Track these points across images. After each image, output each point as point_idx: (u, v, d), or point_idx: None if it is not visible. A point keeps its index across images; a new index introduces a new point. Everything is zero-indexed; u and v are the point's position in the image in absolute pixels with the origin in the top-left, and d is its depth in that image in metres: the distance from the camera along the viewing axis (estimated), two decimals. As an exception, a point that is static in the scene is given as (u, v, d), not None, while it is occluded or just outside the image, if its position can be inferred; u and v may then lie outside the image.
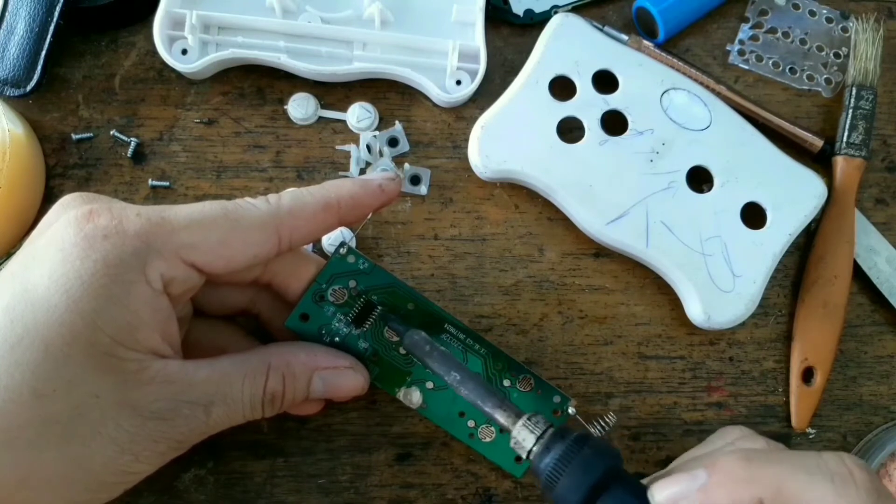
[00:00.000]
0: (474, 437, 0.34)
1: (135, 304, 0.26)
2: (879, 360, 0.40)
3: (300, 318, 0.33)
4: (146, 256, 0.26)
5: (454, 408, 0.34)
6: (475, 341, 0.34)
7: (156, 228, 0.27)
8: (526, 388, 0.34)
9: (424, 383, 0.34)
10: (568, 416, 0.34)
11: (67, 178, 0.38)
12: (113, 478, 0.27)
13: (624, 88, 0.39)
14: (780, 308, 0.40)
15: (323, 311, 0.33)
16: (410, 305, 0.33)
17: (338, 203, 0.30)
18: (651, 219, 0.37)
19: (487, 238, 0.39)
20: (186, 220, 0.27)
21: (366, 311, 0.33)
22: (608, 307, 0.39)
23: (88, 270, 0.25)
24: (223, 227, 0.28)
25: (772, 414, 0.39)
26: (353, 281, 0.33)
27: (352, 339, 0.33)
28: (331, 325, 0.33)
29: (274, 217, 0.29)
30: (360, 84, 0.40)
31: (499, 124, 0.38)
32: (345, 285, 0.33)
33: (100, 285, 0.25)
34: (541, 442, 0.29)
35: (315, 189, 0.30)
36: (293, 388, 0.30)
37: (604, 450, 0.29)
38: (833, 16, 0.43)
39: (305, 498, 0.36)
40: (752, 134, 0.39)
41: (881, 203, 0.42)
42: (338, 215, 0.30)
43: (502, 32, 0.42)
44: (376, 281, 0.33)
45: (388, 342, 0.33)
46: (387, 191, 0.32)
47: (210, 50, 0.39)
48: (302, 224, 0.30)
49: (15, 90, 0.37)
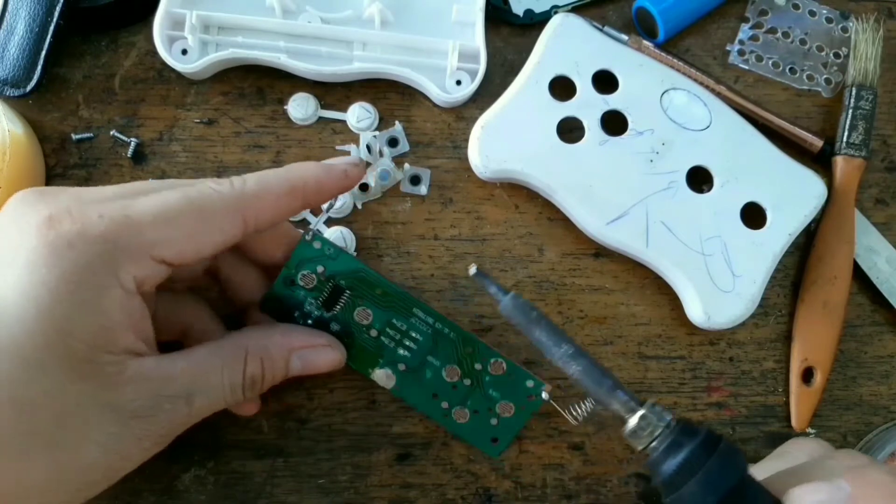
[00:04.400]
0: (449, 416, 0.35)
1: (108, 309, 0.25)
2: (879, 360, 0.40)
3: (272, 300, 0.33)
4: (116, 260, 0.26)
5: (427, 389, 0.35)
6: (444, 325, 0.34)
7: (122, 229, 0.26)
8: (498, 371, 0.34)
9: (397, 365, 0.34)
10: (542, 402, 0.34)
11: (67, 178, 0.38)
12: (99, 476, 0.27)
13: (624, 88, 0.39)
14: (780, 308, 0.40)
15: (295, 294, 0.33)
16: (378, 291, 0.34)
17: (303, 187, 0.30)
18: (651, 219, 0.37)
19: (487, 238, 0.39)
20: (151, 216, 0.26)
21: (334, 295, 0.34)
22: (608, 307, 0.39)
23: (56, 279, 0.24)
24: (190, 218, 0.27)
25: (772, 414, 0.39)
26: (321, 266, 0.33)
27: (323, 321, 0.34)
28: (303, 308, 0.34)
29: (239, 201, 0.28)
30: (360, 84, 0.40)
31: (499, 124, 0.38)
32: (313, 270, 0.33)
33: (69, 293, 0.25)
34: (664, 436, 0.26)
35: (280, 172, 0.30)
36: (272, 369, 0.31)
37: (735, 453, 0.26)
38: (833, 16, 0.43)
39: (305, 498, 0.36)
40: (752, 134, 0.39)
41: (881, 203, 0.42)
42: (303, 199, 0.30)
43: (502, 32, 0.42)
44: (343, 266, 0.33)
45: (359, 325, 0.34)
46: (351, 176, 0.32)
47: (210, 50, 0.39)
48: (267, 208, 0.29)
49: (15, 90, 0.37)
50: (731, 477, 0.25)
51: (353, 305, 0.34)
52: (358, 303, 0.34)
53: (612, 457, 0.38)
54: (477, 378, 0.34)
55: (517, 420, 0.35)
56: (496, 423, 0.35)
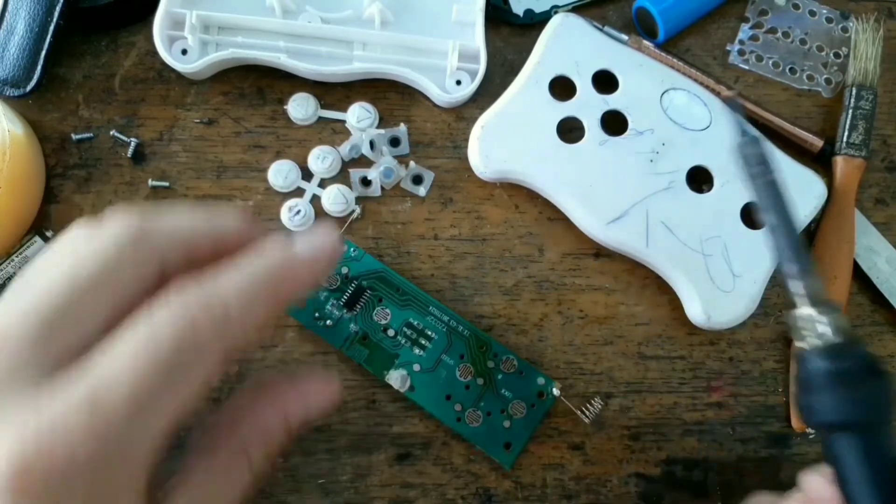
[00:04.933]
0: (462, 420, 0.35)
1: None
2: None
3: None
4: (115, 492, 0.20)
5: (441, 391, 0.35)
6: (458, 323, 0.36)
7: (116, 464, 0.20)
8: (509, 369, 0.36)
9: (412, 366, 0.35)
10: (554, 399, 0.36)
11: (67, 179, 0.38)
12: None
13: (624, 88, 0.39)
14: (780, 308, 0.40)
15: (317, 295, 0.35)
16: (398, 289, 0.36)
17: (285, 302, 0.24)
18: (651, 219, 0.37)
19: (487, 238, 0.39)
20: (151, 444, 0.21)
21: (356, 295, 0.35)
22: (608, 307, 0.39)
23: None
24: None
25: (772, 414, 0.39)
26: (346, 268, 0.36)
27: (343, 322, 0.36)
28: (324, 309, 0.35)
29: (223, 356, 0.22)
30: (360, 84, 0.40)
31: (499, 124, 0.38)
32: (338, 272, 0.35)
33: None
34: (829, 337, 0.25)
35: (258, 282, 0.23)
36: (278, 445, 0.26)
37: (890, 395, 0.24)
38: (833, 16, 0.43)
39: (305, 498, 0.36)
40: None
41: (881, 203, 0.42)
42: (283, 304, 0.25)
43: (502, 32, 0.42)
44: (366, 267, 0.36)
45: (377, 325, 0.35)
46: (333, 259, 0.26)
47: (210, 50, 0.39)
48: (252, 333, 0.23)
49: (15, 90, 0.37)
50: (871, 413, 0.24)
51: (373, 305, 0.35)
52: (377, 303, 0.35)
53: (612, 457, 0.38)
54: (489, 376, 0.35)
55: (529, 421, 0.36)
56: (509, 426, 0.35)
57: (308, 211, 0.38)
